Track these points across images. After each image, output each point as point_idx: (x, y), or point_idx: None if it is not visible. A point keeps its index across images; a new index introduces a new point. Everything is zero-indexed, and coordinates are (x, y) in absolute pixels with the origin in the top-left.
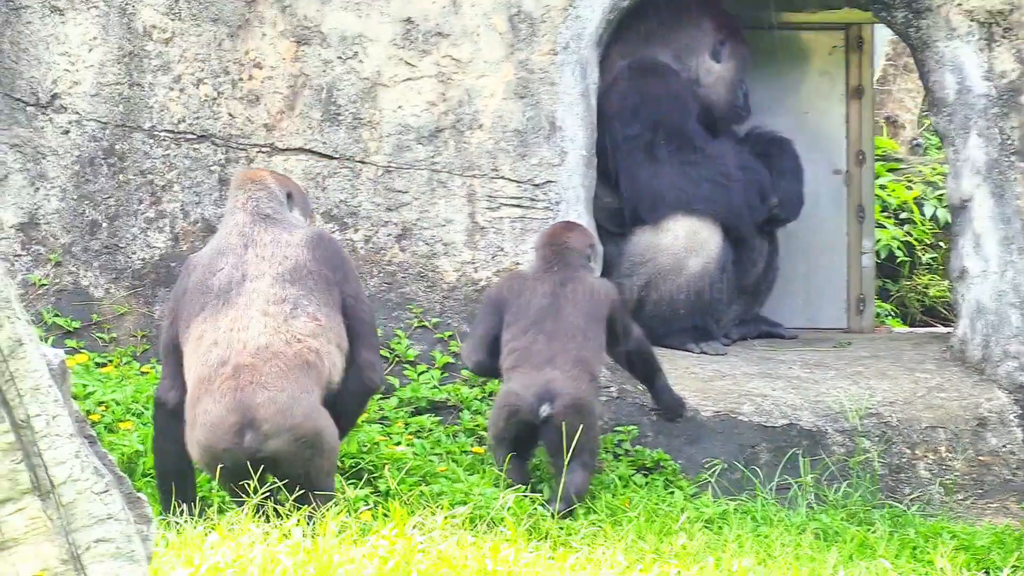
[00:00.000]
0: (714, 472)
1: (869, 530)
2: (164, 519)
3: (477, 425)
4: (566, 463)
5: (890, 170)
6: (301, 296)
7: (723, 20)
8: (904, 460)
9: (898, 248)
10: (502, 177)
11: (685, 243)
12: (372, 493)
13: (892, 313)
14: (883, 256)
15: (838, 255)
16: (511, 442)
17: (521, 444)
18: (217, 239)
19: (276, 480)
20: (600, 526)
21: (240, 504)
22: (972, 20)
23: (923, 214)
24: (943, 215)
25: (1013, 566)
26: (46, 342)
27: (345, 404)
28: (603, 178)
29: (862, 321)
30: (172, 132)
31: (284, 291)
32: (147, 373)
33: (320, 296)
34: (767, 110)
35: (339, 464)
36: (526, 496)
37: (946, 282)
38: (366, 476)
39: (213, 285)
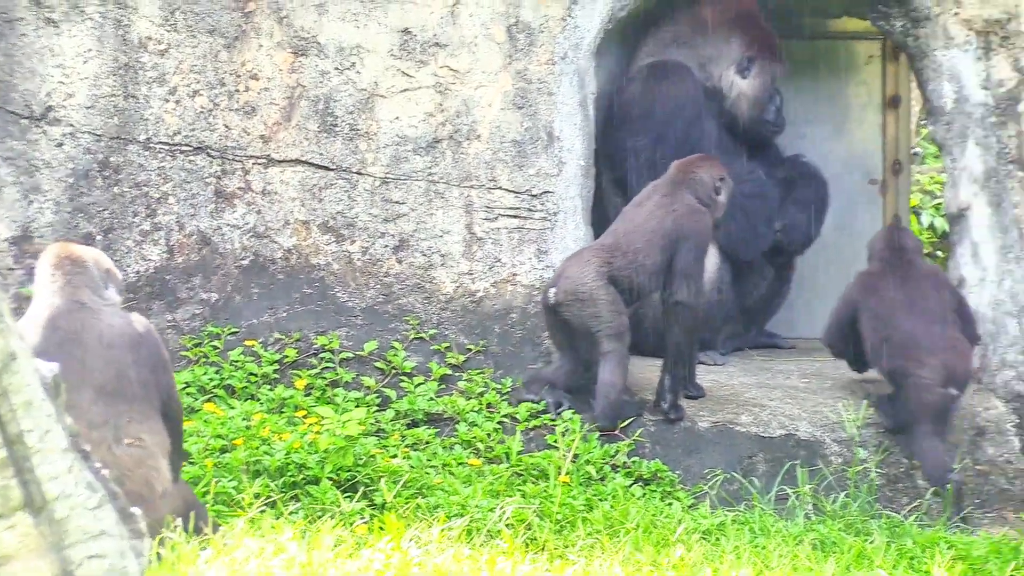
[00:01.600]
0: (712, 483)
1: (867, 540)
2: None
3: (474, 437)
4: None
5: None
6: (122, 413)
7: (756, 35)
8: (901, 470)
9: None
10: (500, 188)
11: None
12: (368, 506)
13: None
14: None
15: None
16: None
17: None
18: (31, 324)
19: None
20: (597, 538)
21: None
22: (970, 29)
23: (921, 223)
24: (941, 224)
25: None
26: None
27: None
28: (617, 183)
29: None
30: (167, 144)
31: (106, 410)
32: None
33: (142, 406)
34: (805, 119)
35: (335, 477)
36: (523, 507)
37: None
38: (362, 489)
39: None
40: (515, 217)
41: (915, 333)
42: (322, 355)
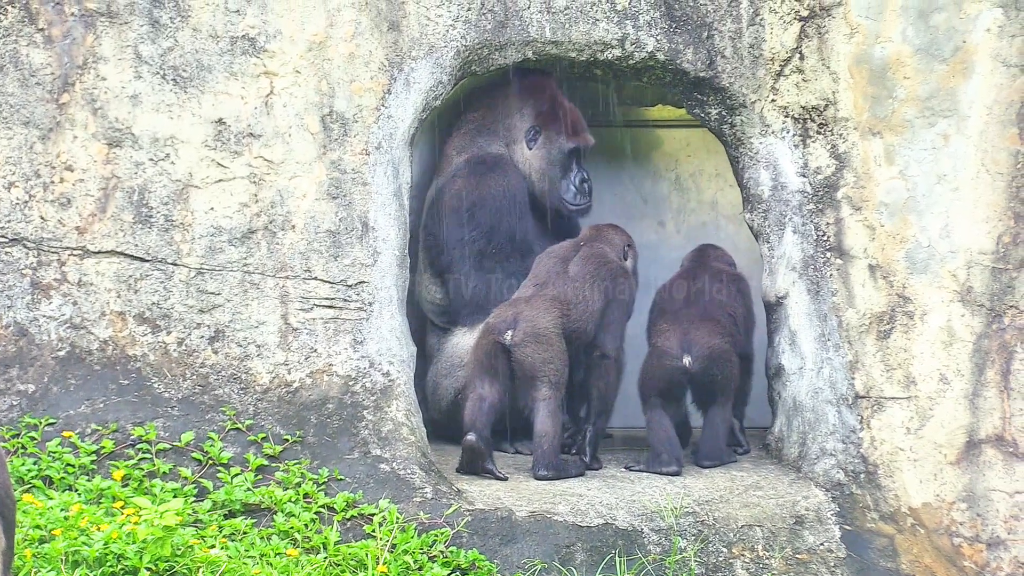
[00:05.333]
0: (530, 572)
1: None
2: None
3: (291, 527)
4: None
5: None
6: None
7: (544, 105)
8: (721, 559)
9: None
10: (315, 278)
11: None
12: None
13: None
14: None
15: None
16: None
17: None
18: None
19: None
20: None
21: None
22: (787, 116)
23: None
24: None
25: None
26: None
27: None
28: (433, 270)
29: None
30: None
31: None
32: None
33: None
34: (694, 210)
35: (153, 567)
36: None
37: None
38: None
39: None
40: (330, 307)
41: (673, 313)
42: (139, 446)
